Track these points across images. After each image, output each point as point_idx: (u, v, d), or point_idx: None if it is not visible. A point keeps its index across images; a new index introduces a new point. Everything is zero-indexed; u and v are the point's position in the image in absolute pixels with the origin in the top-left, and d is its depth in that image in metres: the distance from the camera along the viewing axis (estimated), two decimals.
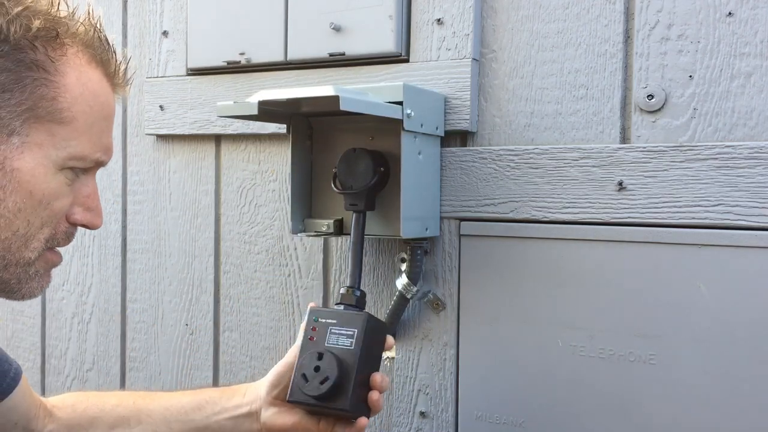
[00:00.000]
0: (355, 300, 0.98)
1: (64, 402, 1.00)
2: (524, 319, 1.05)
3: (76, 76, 0.71)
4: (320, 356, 0.91)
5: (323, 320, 0.95)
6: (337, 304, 0.99)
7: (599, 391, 1.00)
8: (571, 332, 1.02)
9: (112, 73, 0.76)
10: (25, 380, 0.93)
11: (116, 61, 0.77)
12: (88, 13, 0.74)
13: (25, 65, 0.67)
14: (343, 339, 0.93)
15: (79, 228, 0.79)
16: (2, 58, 0.66)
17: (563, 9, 1.04)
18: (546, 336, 1.04)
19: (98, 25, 0.74)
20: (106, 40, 0.75)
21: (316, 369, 0.91)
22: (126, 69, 0.78)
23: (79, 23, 0.72)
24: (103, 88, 0.75)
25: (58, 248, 0.77)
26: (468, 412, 1.10)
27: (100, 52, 0.74)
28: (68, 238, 0.76)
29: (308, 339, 0.95)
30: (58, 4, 0.70)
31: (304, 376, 0.91)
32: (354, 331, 0.92)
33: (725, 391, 0.93)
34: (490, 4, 1.09)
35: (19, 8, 0.66)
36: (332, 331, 0.94)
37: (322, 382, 0.90)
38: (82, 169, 0.74)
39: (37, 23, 0.67)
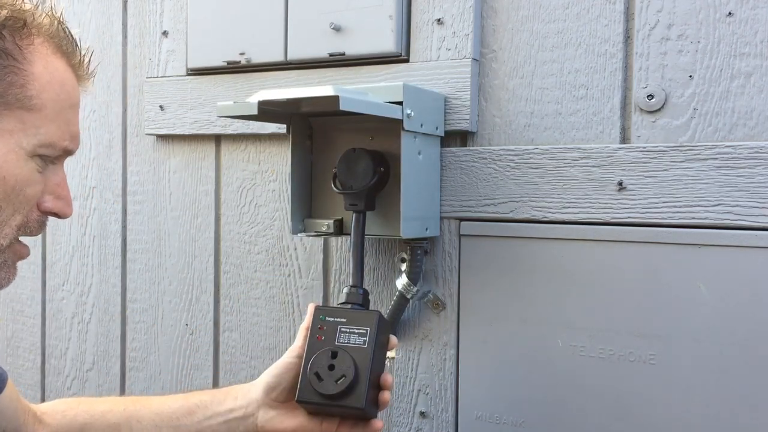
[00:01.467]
0: (361, 299, 0.99)
1: (54, 408, 0.99)
2: (524, 319, 1.05)
3: (43, 65, 0.73)
4: (334, 354, 0.91)
5: (331, 319, 0.94)
6: (342, 303, 0.99)
7: (599, 391, 1.00)
8: (571, 332, 1.02)
9: (76, 65, 0.78)
10: (12, 386, 0.93)
11: (80, 53, 0.79)
12: (51, 7, 0.76)
13: None
14: (355, 337, 0.93)
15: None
16: None
17: (563, 9, 1.04)
18: (546, 336, 1.04)
19: (61, 18, 0.76)
20: (70, 32, 0.78)
21: (331, 367, 0.91)
22: (89, 61, 0.80)
23: (44, 15, 0.74)
24: (68, 78, 0.77)
25: (25, 242, 0.78)
26: (468, 412, 1.10)
27: (64, 44, 0.76)
28: (40, 226, 0.77)
29: (315, 338, 0.94)
30: None
31: (317, 374, 0.91)
32: (366, 330, 0.93)
33: (725, 391, 0.93)
34: (490, 4, 1.09)
35: None
36: (342, 329, 0.93)
37: (338, 380, 0.90)
38: (52, 157, 0.75)
39: (4, 13, 0.69)
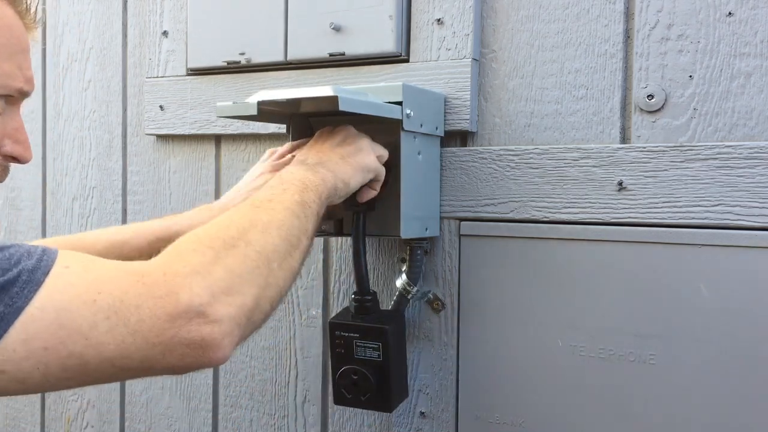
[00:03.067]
0: (369, 308, 1.04)
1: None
2: (524, 319, 1.05)
3: None
4: (355, 372, 1.03)
5: (346, 334, 1.04)
6: (353, 316, 1.05)
7: (599, 391, 1.00)
8: (571, 332, 1.02)
9: (23, 11, 0.80)
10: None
11: (26, 2, 0.81)
12: None
13: None
14: (370, 351, 1.03)
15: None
16: None
17: (563, 9, 1.04)
18: (546, 336, 1.04)
19: None
20: None
21: (355, 383, 1.03)
22: (36, 11, 0.82)
23: None
24: (16, 24, 0.78)
25: None
26: (468, 412, 1.10)
27: None
28: (4, 171, 0.80)
29: (336, 351, 1.05)
30: None
31: (345, 389, 1.04)
32: (379, 345, 1.02)
33: (725, 391, 0.93)
34: (490, 4, 1.09)
35: None
36: (358, 344, 1.03)
37: (363, 396, 1.03)
38: (7, 98, 0.77)
39: None
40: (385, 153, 0.99)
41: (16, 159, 0.80)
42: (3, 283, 0.62)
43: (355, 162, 0.93)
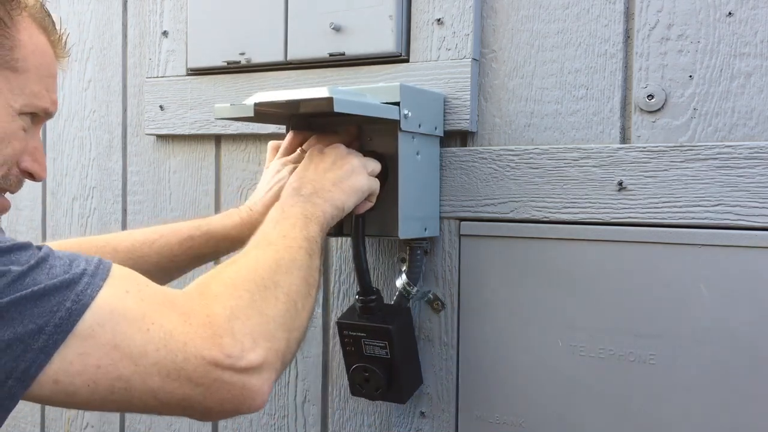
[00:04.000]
0: (374, 308, 1.05)
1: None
2: (524, 319, 1.05)
3: (29, 35, 0.79)
4: (366, 369, 1.06)
5: (354, 333, 1.07)
6: (359, 315, 1.07)
7: (599, 391, 1.00)
8: (571, 332, 1.02)
9: (55, 41, 0.84)
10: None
11: (58, 32, 0.86)
12: None
13: None
14: (378, 350, 1.06)
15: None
16: None
17: (563, 9, 1.04)
18: (546, 336, 1.03)
19: (42, 3, 0.84)
20: (50, 14, 0.85)
21: (367, 379, 1.07)
22: (66, 41, 0.87)
23: None
24: (49, 51, 0.83)
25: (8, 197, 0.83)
26: (468, 412, 1.10)
27: (45, 23, 0.83)
28: (19, 184, 0.82)
29: (347, 349, 1.08)
30: None
31: (359, 385, 1.08)
32: (385, 343, 1.05)
33: (725, 391, 0.93)
34: (490, 4, 1.09)
35: None
36: (366, 342, 1.06)
37: (376, 390, 1.07)
38: (33, 116, 0.81)
39: None
40: (377, 166, 1.00)
41: (31, 176, 0.83)
42: (69, 280, 0.65)
43: (348, 187, 0.94)
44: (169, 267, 1.08)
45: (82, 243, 1.07)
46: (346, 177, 0.95)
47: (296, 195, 0.91)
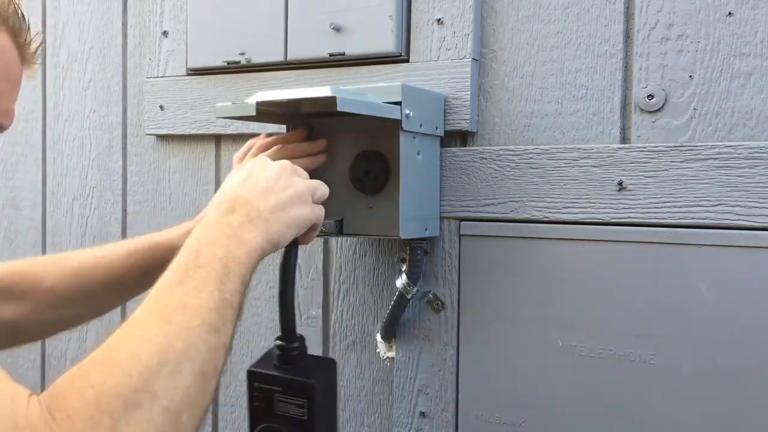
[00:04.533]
0: (296, 358, 0.89)
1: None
2: (524, 319, 1.05)
3: None
4: (275, 431, 0.86)
5: (267, 386, 0.88)
6: (276, 365, 0.90)
7: (599, 391, 1.00)
8: (571, 332, 1.02)
9: (22, 44, 0.76)
10: None
11: (29, 36, 0.77)
12: None
13: None
14: (294, 408, 0.87)
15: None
16: None
17: (563, 9, 1.04)
18: (546, 336, 1.04)
19: (17, 2, 0.76)
20: (22, 15, 0.76)
21: None
22: (38, 47, 0.79)
23: None
24: (9, 52, 0.74)
25: None
26: (468, 412, 1.10)
27: (11, 20, 0.74)
28: None
29: (254, 405, 0.88)
30: None
31: None
32: (304, 402, 0.86)
33: (725, 391, 0.93)
34: (490, 4, 1.09)
35: None
36: (280, 399, 0.87)
37: None
38: None
39: None
40: (325, 190, 0.87)
41: None
42: None
43: (288, 217, 0.79)
44: (117, 286, 1.01)
45: (33, 263, 1.03)
46: (289, 204, 0.79)
47: (222, 219, 0.74)
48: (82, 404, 0.57)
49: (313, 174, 1.13)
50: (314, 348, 1.25)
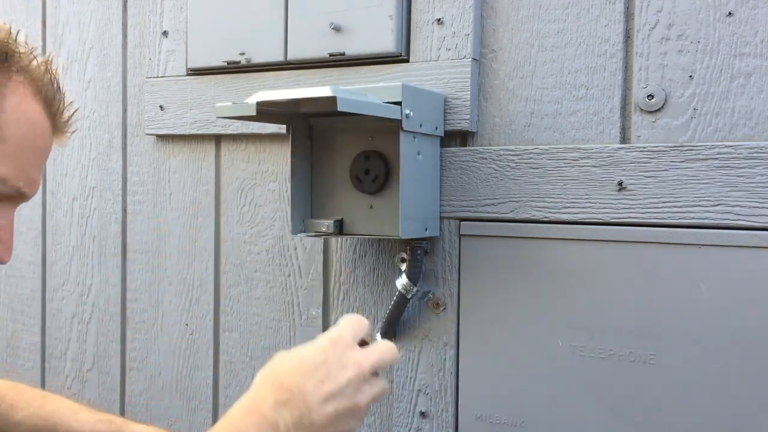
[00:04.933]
0: None
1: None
2: (524, 319, 1.05)
3: (17, 102, 0.71)
4: None
5: None
6: None
7: (599, 391, 1.00)
8: (571, 332, 1.02)
9: (55, 114, 0.76)
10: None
11: (62, 105, 0.76)
12: (48, 57, 0.75)
13: None
14: None
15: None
16: None
17: (563, 9, 1.04)
18: (546, 336, 1.04)
19: (54, 69, 0.75)
20: (58, 83, 0.76)
21: None
22: (70, 116, 0.78)
23: (34, 59, 0.73)
24: (41, 123, 0.74)
25: None
26: (468, 412, 1.10)
27: (46, 90, 0.74)
28: None
29: None
30: (16, 36, 0.71)
31: None
32: None
33: (725, 391, 0.93)
34: (490, 4, 1.09)
35: None
36: None
37: None
38: (1, 195, 0.73)
39: None
40: (381, 393, 0.78)
41: None
42: None
43: (342, 428, 0.74)
44: None
45: (17, 389, 1.01)
46: (345, 418, 0.74)
47: (271, 415, 0.71)
48: None
49: (313, 172, 1.13)
50: None
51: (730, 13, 0.94)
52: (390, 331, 1.15)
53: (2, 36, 0.70)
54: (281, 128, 1.21)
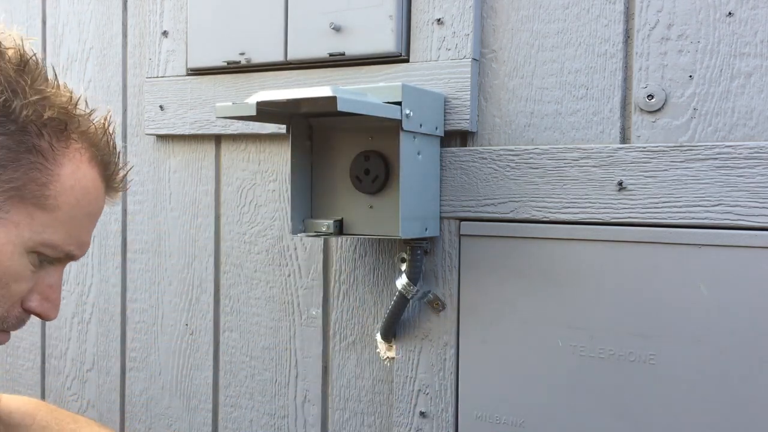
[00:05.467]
0: None
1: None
2: (524, 319, 1.05)
3: (73, 169, 0.73)
4: None
5: None
6: None
7: (599, 391, 1.00)
8: (571, 332, 1.02)
9: (110, 176, 0.78)
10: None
11: (117, 166, 0.79)
12: (105, 118, 0.77)
13: (26, 147, 0.69)
14: None
15: None
16: (6, 136, 0.68)
17: (563, 9, 1.04)
18: (546, 336, 1.04)
19: (110, 131, 0.77)
20: (114, 145, 0.78)
21: None
22: (125, 176, 0.80)
23: (92, 123, 0.75)
24: (96, 188, 0.76)
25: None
26: (468, 412, 1.10)
27: (103, 154, 0.77)
28: (19, 323, 0.76)
29: None
30: (77, 102, 0.73)
31: None
32: None
33: (725, 391, 0.93)
34: (490, 4, 1.09)
35: (37, 96, 0.69)
36: None
37: None
38: (51, 258, 0.75)
39: (49, 113, 0.70)
40: None
41: (39, 315, 0.77)
42: None
43: None
44: None
45: (52, 412, 1.01)
46: None
47: None
48: None
49: (313, 173, 1.13)
50: (314, 348, 1.26)
51: (730, 13, 0.94)
52: (390, 331, 1.15)
53: (62, 101, 0.72)
54: (281, 128, 1.21)
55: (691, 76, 0.96)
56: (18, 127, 0.68)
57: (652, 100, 0.98)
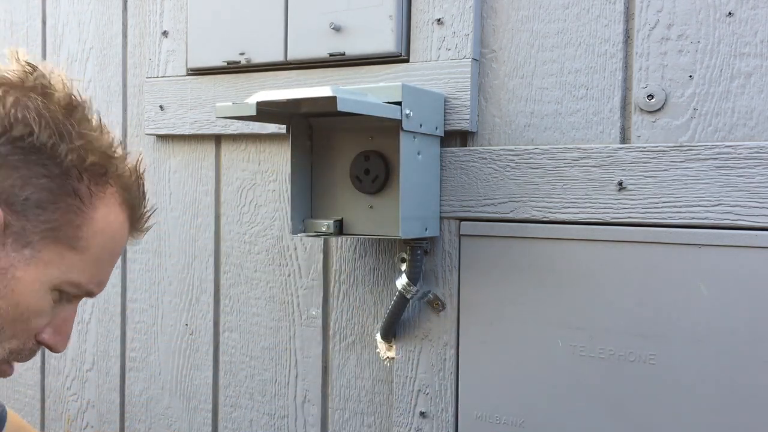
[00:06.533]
0: None
1: None
2: (524, 319, 1.05)
3: (105, 213, 0.75)
4: None
5: None
6: None
7: (599, 391, 1.00)
8: (571, 332, 1.02)
9: (136, 219, 0.80)
10: (14, 417, 0.91)
11: (144, 209, 0.81)
12: (138, 160, 0.79)
13: (67, 191, 0.71)
14: None
15: None
16: (49, 178, 0.69)
17: (563, 9, 1.04)
18: (546, 336, 1.04)
19: (141, 173, 0.79)
20: (143, 189, 0.80)
21: None
22: (148, 218, 0.82)
23: (127, 166, 0.77)
24: (122, 231, 0.78)
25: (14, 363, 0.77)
26: (468, 412, 1.10)
27: (133, 198, 0.78)
28: (31, 355, 0.77)
29: None
30: (117, 146, 0.75)
31: None
32: None
33: (725, 391, 0.93)
34: (490, 4, 1.09)
35: (81, 141, 0.71)
36: None
37: None
38: (71, 295, 0.76)
39: (92, 158, 0.71)
40: None
41: (49, 347, 0.78)
42: None
43: None
44: None
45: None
46: None
47: None
48: None
49: (313, 173, 1.13)
50: (314, 348, 1.25)
51: (730, 13, 0.94)
52: (390, 331, 1.15)
53: (104, 146, 0.74)
54: (281, 128, 1.21)
55: (691, 76, 0.96)
56: (62, 171, 0.70)
57: (652, 100, 0.98)
